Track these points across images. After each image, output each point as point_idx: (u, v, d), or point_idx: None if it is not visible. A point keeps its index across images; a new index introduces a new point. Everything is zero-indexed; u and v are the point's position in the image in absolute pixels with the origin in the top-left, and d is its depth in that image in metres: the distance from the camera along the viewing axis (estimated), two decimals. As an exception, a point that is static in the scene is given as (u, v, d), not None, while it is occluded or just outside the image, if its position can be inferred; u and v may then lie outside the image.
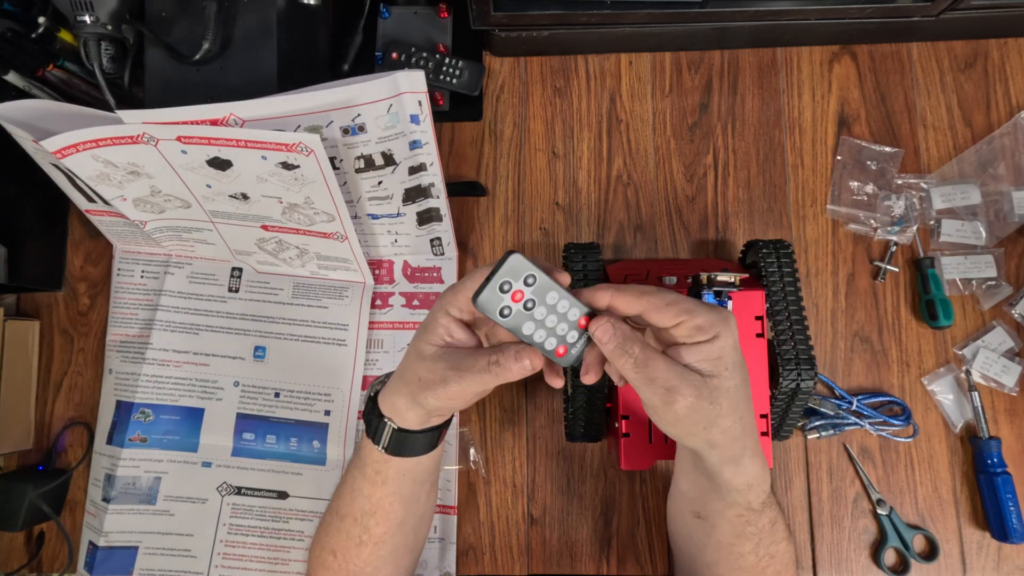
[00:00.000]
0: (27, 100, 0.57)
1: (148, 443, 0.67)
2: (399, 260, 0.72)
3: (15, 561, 0.68)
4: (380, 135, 0.59)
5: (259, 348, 0.70)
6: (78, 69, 0.65)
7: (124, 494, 0.66)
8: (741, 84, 0.74)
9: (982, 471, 0.66)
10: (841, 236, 0.72)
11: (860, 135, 0.73)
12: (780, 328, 0.57)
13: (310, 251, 0.67)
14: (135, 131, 0.55)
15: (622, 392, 0.57)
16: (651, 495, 0.68)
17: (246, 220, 0.64)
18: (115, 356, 0.69)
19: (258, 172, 0.58)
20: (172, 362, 0.69)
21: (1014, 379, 0.68)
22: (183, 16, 0.60)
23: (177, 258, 0.71)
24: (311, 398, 0.69)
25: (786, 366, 0.56)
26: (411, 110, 0.58)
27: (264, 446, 0.68)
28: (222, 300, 0.70)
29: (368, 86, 0.55)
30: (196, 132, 0.54)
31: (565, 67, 0.75)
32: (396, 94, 0.56)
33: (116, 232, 0.70)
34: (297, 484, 0.67)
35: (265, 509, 0.67)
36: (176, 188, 0.61)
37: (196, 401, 0.68)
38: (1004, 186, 0.71)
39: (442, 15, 0.73)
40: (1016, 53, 0.74)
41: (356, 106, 0.56)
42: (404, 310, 0.71)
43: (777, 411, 0.59)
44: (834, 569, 0.66)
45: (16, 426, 0.69)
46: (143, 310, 0.70)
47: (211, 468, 0.67)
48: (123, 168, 0.58)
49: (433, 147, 0.61)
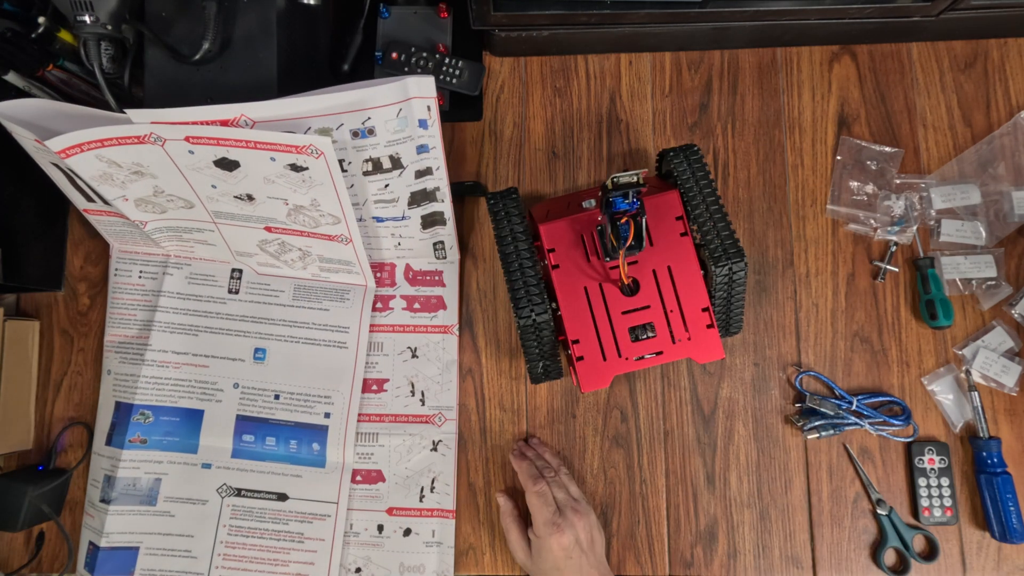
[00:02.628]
0: (29, 99, 0.57)
1: (148, 444, 0.67)
2: (401, 263, 0.72)
3: (15, 561, 0.68)
4: (389, 138, 0.59)
5: (259, 350, 0.70)
6: (78, 69, 0.65)
7: (124, 495, 0.66)
8: (741, 84, 0.74)
9: (982, 471, 0.66)
10: (841, 236, 0.72)
11: (860, 135, 0.73)
12: (704, 227, 0.59)
13: (313, 253, 0.67)
14: (142, 131, 0.55)
15: (567, 318, 0.59)
16: (651, 495, 0.68)
17: (249, 221, 0.64)
18: (114, 357, 0.69)
19: (266, 173, 0.58)
20: (171, 363, 0.68)
21: (1014, 379, 0.68)
22: (183, 16, 0.60)
23: (176, 259, 0.71)
24: (311, 400, 0.69)
25: (717, 261, 0.57)
26: (420, 115, 0.58)
27: (264, 448, 0.68)
28: (221, 301, 0.70)
29: (379, 90, 0.55)
30: (205, 132, 0.54)
31: (565, 67, 0.75)
32: (406, 99, 0.57)
33: (114, 232, 0.69)
34: (297, 486, 0.67)
35: (265, 511, 0.67)
36: (180, 189, 0.61)
37: (196, 403, 0.68)
38: (1004, 186, 0.71)
39: (442, 15, 0.73)
40: (1016, 53, 0.74)
41: (367, 109, 0.57)
42: (405, 313, 0.71)
43: (720, 305, 0.61)
44: (834, 569, 0.66)
45: (16, 426, 0.69)
46: (141, 311, 0.70)
47: (211, 470, 0.67)
48: (127, 168, 0.58)
49: (440, 152, 0.62)
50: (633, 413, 0.69)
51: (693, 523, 0.67)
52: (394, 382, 0.70)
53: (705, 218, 0.59)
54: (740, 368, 0.70)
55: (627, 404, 0.69)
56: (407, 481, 0.68)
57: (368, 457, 0.68)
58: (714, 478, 0.68)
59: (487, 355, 0.71)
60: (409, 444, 0.68)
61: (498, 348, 0.71)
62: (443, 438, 0.68)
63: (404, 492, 0.68)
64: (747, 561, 0.67)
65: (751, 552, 0.67)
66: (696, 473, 0.68)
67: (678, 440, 0.69)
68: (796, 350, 0.70)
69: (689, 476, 0.68)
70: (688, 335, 0.59)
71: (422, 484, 0.68)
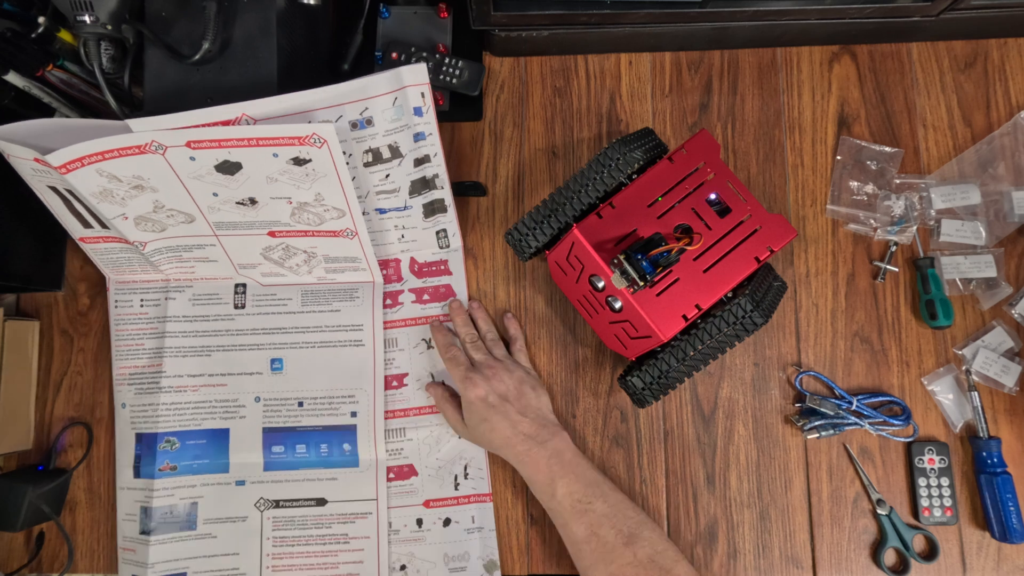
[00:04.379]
0: (28, 121, 0.57)
1: (179, 471, 0.67)
2: (406, 257, 0.72)
3: (15, 561, 0.68)
4: (387, 128, 0.60)
5: (275, 360, 0.69)
6: (78, 69, 0.65)
7: (164, 523, 0.65)
8: (741, 84, 0.74)
9: (982, 471, 0.66)
10: (841, 236, 0.72)
11: (860, 135, 0.73)
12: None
13: (318, 254, 0.67)
14: (143, 140, 0.55)
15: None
16: (651, 495, 0.68)
17: (252, 228, 0.64)
18: (127, 390, 0.69)
19: (268, 172, 0.58)
20: (189, 387, 0.68)
21: (1014, 379, 0.68)
22: (183, 16, 0.60)
23: (176, 282, 0.70)
24: (335, 402, 0.68)
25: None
26: (414, 102, 0.60)
27: (295, 457, 0.67)
28: (229, 318, 0.70)
29: (375, 79, 0.57)
30: (206, 135, 0.55)
31: (565, 67, 0.75)
32: (400, 87, 0.58)
33: (111, 261, 0.69)
34: (334, 489, 0.67)
35: (306, 518, 0.67)
36: (181, 201, 0.61)
37: (220, 422, 0.68)
38: (1004, 186, 0.71)
39: (442, 15, 0.73)
40: (1016, 53, 0.74)
41: (364, 100, 0.58)
42: (415, 306, 0.71)
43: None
44: (834, 569, 0.66)
45: (16, 426, 0.69)
46: (149, 339, 0.69)
47: (245, 486, 0.67)
48: (127, 183, 0.58)
49: (436, 138, 0.62)
50: (633, 413, 0.69)
51: (693, 523, 0.67)
52: (413, 375, 0.70)
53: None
54: (740, 368, 0.70)
55: (627, 404, 0.69)
56: (440, 472, 0.68)
57: (398, 453, 0.68)
58: (714, 478, 0.68)
59: (487, 355, 0.71)
60: (437, 435, 0.69)
61: (498, 348, 0.71)
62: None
63: (438, 483, 0.68)
64: (747, 561, 0.67)
65: (751, 552, 0.67)
66: (696, 473, 0.68)
67: (678, 440, 0.69)
68: (796, 350, 0.70)
69: (689, 476, 0.68)
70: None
71: (455, 472, 0.68)
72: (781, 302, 0.70)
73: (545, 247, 0.62)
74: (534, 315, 0.71)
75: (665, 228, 0.59)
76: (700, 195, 0.59)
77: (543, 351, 0.70)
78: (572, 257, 0.59)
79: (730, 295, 0.58)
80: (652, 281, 0.56)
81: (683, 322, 0.57)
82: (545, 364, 0.70)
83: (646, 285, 0.56)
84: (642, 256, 0.55)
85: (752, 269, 0.58)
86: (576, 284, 0.62)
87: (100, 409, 0.71)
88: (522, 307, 0.71)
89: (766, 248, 0.58)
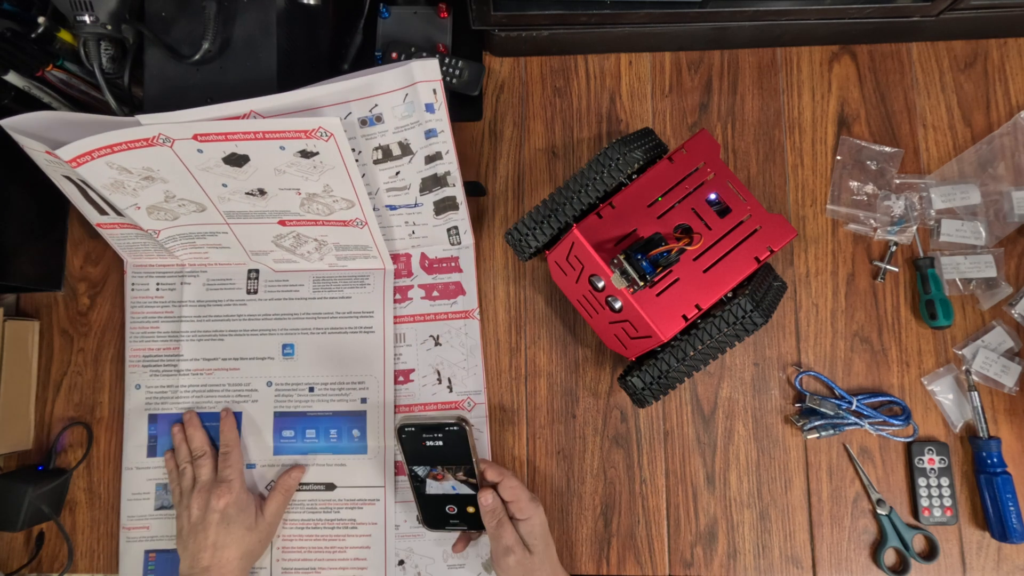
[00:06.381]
0: (38, 112, 0.57)
1: None
2: (416, 252, 0.72)
3: (15, 561, 0.68)
4: (397, 125, 0.60)
5: (287, 346, 0.70)
6: (78, 69, 0.65)
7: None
8: (741, 84, 0.74)
9: (982, 471, 0.66)
10: (841, 236, 0.72)
11: (860, 135, 0.73)
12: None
13: (328, 242, 0.67)
14: (150, 133, 0.55)
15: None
16: (651, 495, 0.68)
17: (263, 217, 0.64)
18: (142, 371, 0.70)
19: (276, 164, 0.58)
20: (204, 370, 0.69)
21: (1014, 379, 0.68)
22: (183, 16, 0.60)
23: (191, 267, 0.71)
24: (346, 388, 0.69)
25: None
26: (426, 99, 0.59)
27: (305, 442, 0.68)
28: (242, 303, 0.71)
29: (385, 75, 0.56)
30: (213, 128, 0.55)
31: (565, 67, 0.75)
32: (411, 83, 0.58)
33: (128, 246, 0.70)
34: (343, 474, 0.68)
35: (315, 502, 0.68)
36: (191, 191, 0.61)
37: (232, 405, 0.69)
38: (1004, 186, 0.71)
39: (442, 15, 0.73)
40: (1016, 53, 0.74)
41: (373, 96, 0.57)
42: (424, 302, 0.71)
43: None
44: (834, 569, 0.66)
45: (16, 426, 0.69)
46: (164, 323, 0.70)
47: (256, 469, 0.68)
48: (137, 174, 0.58)
49: (448, 135, 0.62)
50: (633, 413, 0.69)
51: (693, 523, 0.67)
52: (420, 371, 0.70)
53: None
54: (740, 368, 0.70)
55: (627, 404, 0.69)
56: None
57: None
58: (714, 478, 0.68)
59: (487, 355, 0.71)
60: None
61: (498, 348, 0.71)
62: (474, 422, 0.68)
63: None
64: (747, 561, 0.67)
65: (751, 552, 0.67)
66: (696, 473, 0.68)
67: (678, 440, 0.69)
68: (796, 350, 0.70)
69: (689, 476, 0.68)
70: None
71: None
72: (781, 302, 0.70)
73: (545, 247, 0.62)
74: (534, 315, 0.71)
75: (665, 228, 0.59)
76: (700, 195, 0.59)
77: (543, 351, 0.71)
78: (572, 257, 0.59)
79: (730, 295, 0.58)
80: (652, 281, 0.56)
81: (683, 322, 0.57)
82: (545, 364, 0.70)
83: (646, 285, 0.56)
84: (642, 256, 0.55)
85: (752, 269, 0.58)
86: (576, 284, 0.62)
87: (100, 409, 0.71)
88: (522, 307, 0.71)
89: (766, 248, 0.58)
